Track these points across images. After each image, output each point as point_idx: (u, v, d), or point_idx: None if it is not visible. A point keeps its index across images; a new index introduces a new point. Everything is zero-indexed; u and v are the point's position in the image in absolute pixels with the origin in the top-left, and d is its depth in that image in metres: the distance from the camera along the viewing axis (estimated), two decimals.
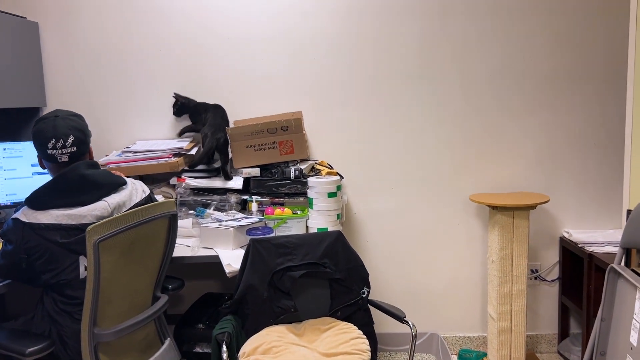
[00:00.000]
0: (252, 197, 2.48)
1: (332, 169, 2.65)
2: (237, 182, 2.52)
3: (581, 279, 2.73)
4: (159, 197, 2.47)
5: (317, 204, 2.30)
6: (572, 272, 2.83)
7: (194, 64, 2.77)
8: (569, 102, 2.77)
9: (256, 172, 2.55)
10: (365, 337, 1.95)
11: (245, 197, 2.52)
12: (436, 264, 2.90)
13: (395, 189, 2.85)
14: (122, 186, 1.86)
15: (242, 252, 2.15)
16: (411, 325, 1.98)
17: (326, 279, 2.10)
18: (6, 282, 1.86)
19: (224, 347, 1.83)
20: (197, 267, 2.91)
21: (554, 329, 2.93)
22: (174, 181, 2.57)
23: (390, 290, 2.92)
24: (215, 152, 2.57)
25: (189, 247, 2.24)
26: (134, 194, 1.88)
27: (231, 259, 2.14)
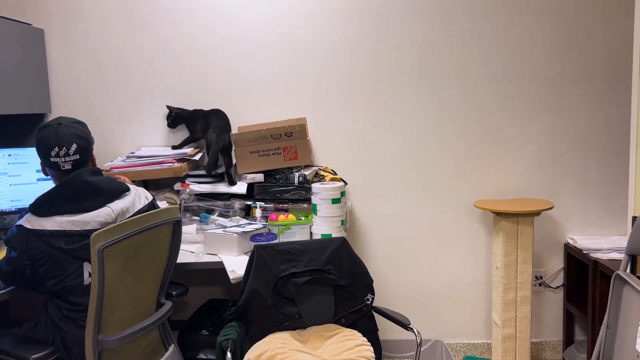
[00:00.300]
0: (256, 203, 2.48)
1: (336, 175, 2.65)
2: (241, 187, 2.52)
3: (586, 285, 2.71)
4: (163, 203, 2.48)
5: (321, 210, 2.30)
6: (577, 278, 2.82)
7: (197, 70, 2.78)
8: (572, 106, 2.76)
9: (260, 177, 2.55)
10: (369, 344, 1.95)
11: (249, 203, 2.52)
12: (440, 270, 2.89)
13: (399, 195, 2.84)
14: (125, 192, 1.86)
15: (246, 258, 2.15)
16: (416, 332, 1.98)
17: (330, 285, 2.09)
18: (10, 289, 1.85)
19: (229, 354, 1.83)
20: (201, 273, 2.90)
21: (558, 335, 2.91)
22: (178, 187, 2.57)
23: (394, 296, 2.91)
24: (219, 157, 2.58)
25: (193, 253, 2.24)
26: (137, 200, 1.88)
27: (235, 265, 2.14)
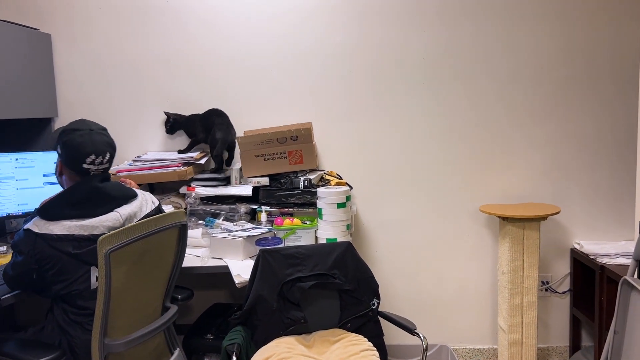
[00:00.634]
0: (262, 207, 2.49)
1: (341, 179, 2.65)
2: (246, 189, 2.52)
3: (593, 290, 2.70)
4: (168, 207, 2.48)
5: (327, 214, 2.30)
6: (584, 284, 2.80)
7: (203, 75, 2.79)
8: (579, 111, 2.76)
9: (265, 181, 2.56)
10: (375, 349, 1.94)
11: (254, 207, 2.52)
12: (446, 274, 2.88)
13: (404, 200, 2.84)
14: (133, 198, 1.87)
15: (251, 262, 2.15)
16: (422, 337, 1.97)
17: (336, 290, 2.09)
18: (15, 293, 1.85)
19: (234, 358, 1.83)
20: (206, 277, 2.91)
21: (565, 341, 2.90)
22: (184, 190, 2.57)
23: (399, 301, 2.90)
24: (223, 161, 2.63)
25: (198, 257, 2.24)
26: (144, 205, 1.89)
27: (240, 269, 2.14)
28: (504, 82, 2.75)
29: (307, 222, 2.37)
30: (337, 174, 2.75)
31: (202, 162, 2.67)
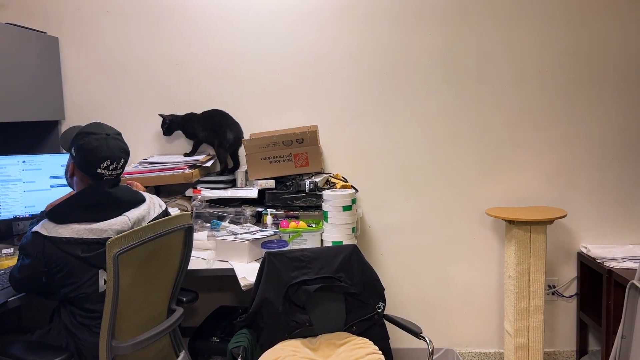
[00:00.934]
0: (267, 209, 2.49)
1: (347, 182, 2.65)
2: (252, 192, 2.53)
3: (600, 294, 2.68)
4: (174, 210, 2.49)
5: (332, 217, 2.30)
6: (591, 287, 2.79)
7: (210, 78, 2.80)
8: (586, 114, 2.74)
9: (271, 183, 2.56)
10: (381, 352, 1.94)
11: (260, 210, 2.53)
12: (452, 278, 2.87)
13: (410, 202, 2.83)
14: (141, 202, 1.87)
15: (257, 265, 2.15)
16: (428, 341, 1.96)
17: (341, 293, 2.09)
18: (21, 295, 1.85)
19: None
20: (211, 279, 2.91)
21: (572, 345, 2.88)
22: (190, 192, 2.58)
23: (405, 304, 2.90)
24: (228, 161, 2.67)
25: (204, 260, 2.24)
26: (152, 209, 1.89)
27: (246, 272, 2.14)
28: (511, 85, 2.75)
29: (313, 225, 2.37)
30: (343, 177, 2.75)
31: (208, 164, 2.67)
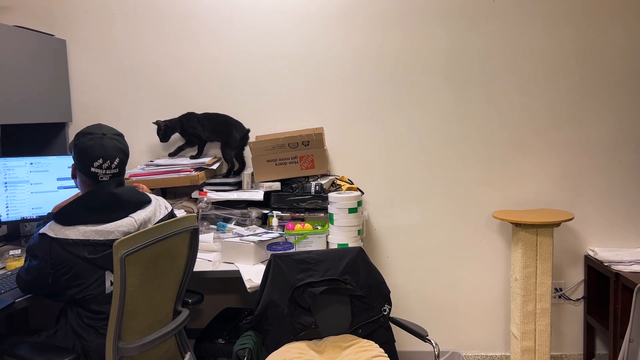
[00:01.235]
0: (273, 212, 2.49)
1: (352, 184, 2.65)
2: (258, 194, 2.53)
3: (607, 298, 2.66)
4: (180, 212, 2.50)
5: (338, 219, 2.29)
6: (598, 291, 2.77)
7: (216, 80, 2.81)
8: (593, 116, 2.73)
9: (277, 186, 2.56)
10: (386, 355, 1.93)
11: (266, 212, 2.53)
12: (458, 281, 2.86)
13: (416, 205, 2.83)
14: (147, 203, 1.88)
15: (262, 267, 2.15)
16: (434, 344, 1.96)
17: (347, 295, 2.08)
18: (28, 297, 1.86)
19: None
20: (217, 281, 2.91)
21: (579, 349, 2.86)
22: (196, 194, 2.59)
23: (411, 307, 2.89)
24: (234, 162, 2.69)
25: (210, 262, 2.24)
26: (158, 210, 1.90)
27: (252, 274, 2.14)
28: (518, 87, 2.74)
29: (319, 227, 2.36)
30: (349, 179, 2.74)
31: (215, 167, 2.68)
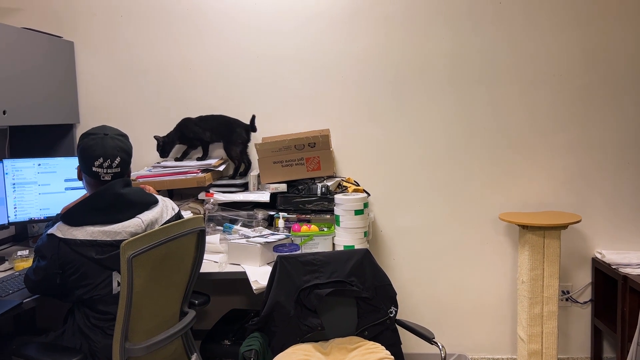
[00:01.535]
0: (279, 213, 2.49)
1: (358, 186, 2.64)
2: (264, 195, 2.53)
3: (615, 301, 2.65)
4: (187, 213, 2.50)
5: (344, 221, 2.29)
6: (606, 294, 2.75)
7: (223, 82, 2.82)
8: (600, 118, 2.72)
9: (283, 187, 2.56)
10: (392, 357, 1.92)
11: (272, 213, 2.53)
12: (464, 283, 2.85)
13: (422, 207, 2.82)
14: (154, 204, 1.88)
15: (269, 268, 2.15)
16: (440, 346, 1.95)
17: (353, 297, 2.08)
18: (36, 297, 1.87)
19: None
20: (223, 282, 2.92)
21: (586, 352, 2.84)
22: (203, 196, 2.59)
23: (417, 309, 2.88)
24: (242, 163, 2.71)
25: (216, 263, 2.25)
26: (165, 212, 1.90)
27: (258, 275, 2.14)
28: (524, 89, 2.73)
29: (325, 229, 2.37)
30: (355, 181, 2.74)
31: (221, 168, 2.69)
